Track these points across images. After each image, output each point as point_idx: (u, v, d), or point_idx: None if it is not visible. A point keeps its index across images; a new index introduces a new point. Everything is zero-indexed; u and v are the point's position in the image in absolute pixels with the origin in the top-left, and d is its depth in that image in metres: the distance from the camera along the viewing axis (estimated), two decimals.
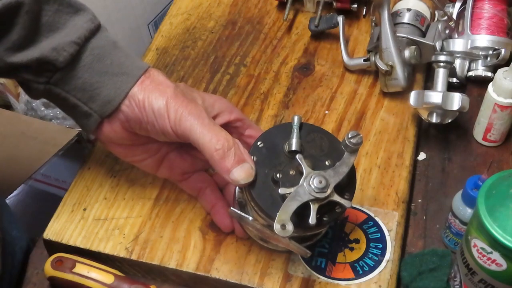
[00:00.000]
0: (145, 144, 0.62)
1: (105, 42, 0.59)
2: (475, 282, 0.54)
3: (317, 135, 0.58)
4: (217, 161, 0.54)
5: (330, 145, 0.57)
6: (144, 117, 0.57)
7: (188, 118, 0.56)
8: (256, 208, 0.55)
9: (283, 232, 0.51)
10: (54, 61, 0.56)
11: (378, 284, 0.60)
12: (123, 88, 0.58)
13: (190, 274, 0.62)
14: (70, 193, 0.69)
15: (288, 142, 0.56)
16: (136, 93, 0.57)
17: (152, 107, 0.57)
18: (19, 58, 0.55)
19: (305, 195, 0.52)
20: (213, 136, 0.55)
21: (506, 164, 0.72)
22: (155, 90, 0.58)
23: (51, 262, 0.62)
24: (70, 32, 0.56)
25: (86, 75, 0.57)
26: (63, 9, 0.57)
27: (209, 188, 0.64)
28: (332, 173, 0.54)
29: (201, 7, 0.92)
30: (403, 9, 0.80)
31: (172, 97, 0.57)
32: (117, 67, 0.58)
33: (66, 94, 0.58)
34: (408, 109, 0.75)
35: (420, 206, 0.69)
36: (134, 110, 0.57)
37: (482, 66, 0.78)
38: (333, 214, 0.55)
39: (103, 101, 0.58)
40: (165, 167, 0.64)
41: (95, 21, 0.59)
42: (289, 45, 0.85)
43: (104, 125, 0.59)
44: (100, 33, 0.59)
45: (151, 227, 0.65)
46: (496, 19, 0.79)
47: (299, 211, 0.52)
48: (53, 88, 0.58)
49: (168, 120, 0.56)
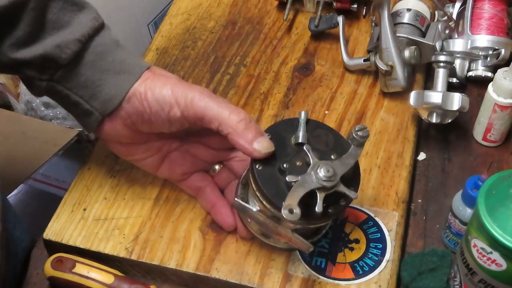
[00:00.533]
0: (146, 142, 0.62)
1: (108, 40, 0.59)
2: (475, 282, 0.54)
3: (323, 131, 0.59)
4: (240, 132, 0.55)
5: (335, 141, 0.58)
6: (147, 110, 0.57)
7: (201, 98, 0.56)
8: (262, 197, 0.55)
9: (291, 216, 0.51)
10: (58, 58, 0.56)
11: (378, 284, 0.60)
12: (124, 87, 0.58)
13: (190, 274, 0.62)
14: (70, 193, 0.69)
15: (295, 134, 0.57)
16: (137, 88, 0.58)
17: (156, 97, 0.57)
18: (23, 54, 0.56)
19: (312, 183, 0.53)
20: (232, 110, 0.56)
21: (506, 164, 0.72)
22: (157, 80, 0.58)
23: (51, 262, 0.62)
24: (74, 30, 0.57)
25: (88, 72, 0.58)
26: (68, 6, 0.58)
27: (208, 188, 0.65)
28: (339, 163, 0.55)
29: (201, 7, 0.92)
30: (403, 9, 0.80)
31: (176, 84, 0.58)
32: (119, 65, 0.59)
33: (68, 91, 0.58)
34: (408, 109, 0.75)
35: (420, 206, 0.69)
36: (136, 105, 0.58)
37: (482, 66, 0.78)
38: (337, 207, 0.55)
39: (105, 99, 0.58)
40: (166, 166, 0.64)
41: (99, 19, 0.59)
42: (289, 45, 0.85)
43: (105, 123, 0.60)
44: (103, 31, 0.60)
45: (151, 227, 0.65)
46: (496, 19, 0.79)
47: (305, 201, 0.52)
48: (55, 85, 0.58)
49: (177, 105, 0.57)
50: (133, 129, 0.60)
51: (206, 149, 0.64)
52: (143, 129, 0.60)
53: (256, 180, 0.55)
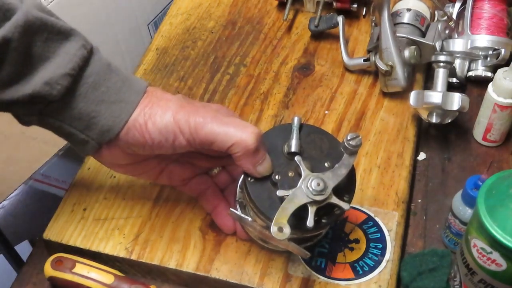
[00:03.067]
0: (145, 160, 0.60)
1: (99, 68, 0.56)
2: (475, 282, 0.54)
3: (317, 136, 0.58)
4: (250, 155, 0.53)
5: (330, 146, 0.57)
6: (148, 140, 0.55)
7: (205, 122, 0.53)
8: (255, 209, 0.55)
9: (280, 235, 0.51)
10: (48, 96, 0.53)
11: (378, 284, 0.60)
12: (122, 117, 0.55)
13: (190, 274, 0.62)
14: (70, 193, 0.69)
15: (288, 143, 0.56)
16: (137, 118, 0.55)
17: (157, 127, 0.54)
18: (10, 95, 0.52)
19: (303, 197, 0.52)
20: (242, 130, 0.53)
21: (506, 164, 0.72)
22: (157, 107, 0.55)
23: (51, 262, 0.62)
24: (63, 62, 0.53)
25: (81, 104, 0.54)
26: (52, 37, 0.54)
27: (210, 190, 0.64)
28: (331, 175, 0.54)
29: (201, 7, 0.92)
30: (403, 9, 0.80)
31: (178, 110, 0.54)
32: (114, 95, 0.55)
33: (60, 123, 0.55)
34: (408, 109, 0.75)
35: (420, 206, 0.69)
36: (136, 137, 0.55)
37: (482, 66, 0.78)
38: (331, 216, 0.55)
39: (101, 130, 0.55)
40: (165, 176, 0.63)
41: (87, 45, 0.55)
42: (289, 45, 0.85)
43: (102, 150, 0.57)
44: (93, 59, 0.56)
45: (151, 227, 0.65)
46: (496, 19, 0.79)
47: (298, 213, 0.52)
48: (46, 118, 0.55)
49: (181, 134, 0.54)
50: (132, 155, 0.58)
51: (206, 158, 0.63)
52: (143, 154, 0.58)
53: (248, 193, 0.55)
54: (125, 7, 1.21)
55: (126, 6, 1.21)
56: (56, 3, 1.01)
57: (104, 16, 1.15)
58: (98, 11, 1.14)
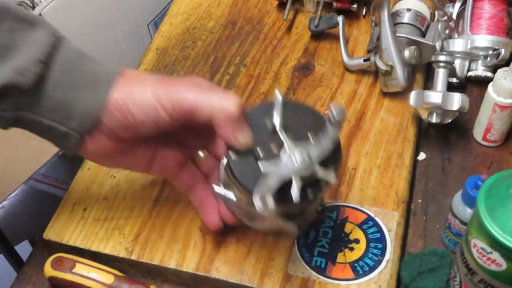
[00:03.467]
0: (132, 148, 0.59)
1: (71, 54, 0.54)
2: (475, 282, 0.54)
3: (301, 111, 0.56)
4: (232, 123, 0.52)
5: (314, 121, 0.56)
6: (131, 120, 0.54)
7: (188, 94, 0.53)
8: (238, 186, 0.54)
9: (264, 209, 0.49)
10: (20, 84, 0.51)
11: (378, 284, 0.60)
12: (99, 98, 0.53)
13: (190, 274, 0.62)
14: (70, 193, 0.69)
15: (270, 118, 0.55)
16: (115, 97, 0.54)
17: (138, 105, 0.53)
18: None
19: (287, 170, 0.51)
20: (225, 100, 0.52)
21: (506, 164, 0.72)
22: (135, 85, 0.54)
23: (51, 262, 0.62)
24: (33, 50, 0.52)
25: (57, 93, 0.53)
26: (16, 25, 0.52)
27: (199, 185, 0.62)
28: (315, 147, 0.53)
29: (201, 7, 0.92)
30: (403, 9, 0.80)
31: (157, 86, 0.53)
32: (89, 77, 0.54)
33: (38, 117, 0.54)
34: (408, 109, 0.75)
35: (420, 206, 0.69)
36: (117, 118, 0.54)
37: (482, 66, 0.78)
38: (317, 189, 0.54)
39: (81, 117, 0.54)
40: (157, 163, 0.61)
41: (56, 33, 0.54)
42: (289, 45, 0.85)
43: (86, 142, 0.56)
44: (64, 45, 0.54)
45: (151, 227, 0.65)
46: (496, 19, 0.79)
47: (283, 187, 0.51)
48: (23, 113, 0.53)
49: (162, 109, 0.53)
50: (118, 140, 0.57)
51: (193, 135, 0.61)
52: (127, 136, 0.56)
53: (232, 172, 0.53)
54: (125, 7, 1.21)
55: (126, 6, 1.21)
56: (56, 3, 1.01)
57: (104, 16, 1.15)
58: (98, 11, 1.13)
